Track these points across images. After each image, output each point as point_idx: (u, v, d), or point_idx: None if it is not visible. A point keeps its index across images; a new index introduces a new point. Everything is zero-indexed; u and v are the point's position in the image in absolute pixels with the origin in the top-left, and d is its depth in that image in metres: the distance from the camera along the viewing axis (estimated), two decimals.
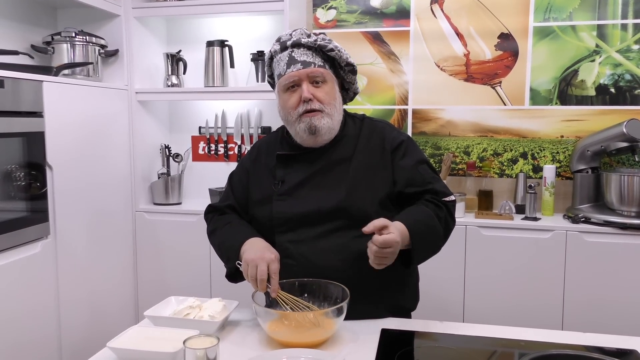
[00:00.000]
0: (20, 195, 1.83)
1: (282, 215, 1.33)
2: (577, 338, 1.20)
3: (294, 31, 1.34)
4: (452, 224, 1.34)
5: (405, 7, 2.50)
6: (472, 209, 2.38)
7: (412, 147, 1.38)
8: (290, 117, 1.34)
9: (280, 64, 1.34)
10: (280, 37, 1.36)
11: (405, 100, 2.54)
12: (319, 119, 1.31)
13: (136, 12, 2.48)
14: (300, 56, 1.31)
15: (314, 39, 1.32)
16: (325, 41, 1.33)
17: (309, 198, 1.33)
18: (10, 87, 1.77)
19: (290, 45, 1.32)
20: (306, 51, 1.32)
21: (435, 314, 1.56)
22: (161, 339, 1.09)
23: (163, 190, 2.59)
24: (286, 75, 1.31)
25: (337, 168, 1.35)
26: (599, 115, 2.35)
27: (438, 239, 1.30)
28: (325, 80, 1.33)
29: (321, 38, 1.33)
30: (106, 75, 2.49)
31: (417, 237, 1.22)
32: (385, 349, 1.14)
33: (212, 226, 1.44)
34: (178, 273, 2.51)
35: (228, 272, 1.34)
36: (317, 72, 1.31)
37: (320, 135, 1.33)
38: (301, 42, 1.31)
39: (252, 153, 1.49)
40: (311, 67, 1.30)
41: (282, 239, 1.32)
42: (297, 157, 1.38)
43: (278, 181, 1.36)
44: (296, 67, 1.30)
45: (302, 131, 1.32)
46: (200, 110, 2.76)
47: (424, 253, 1.28)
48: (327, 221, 1.31)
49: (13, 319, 1.77)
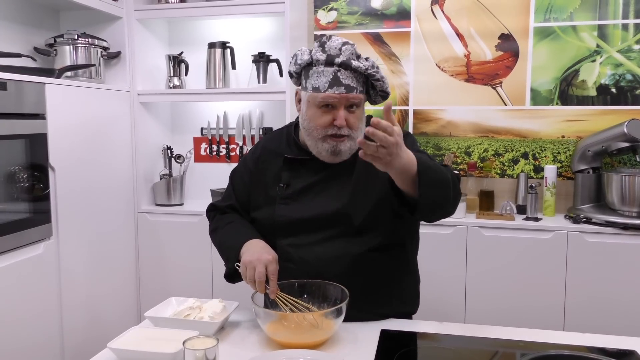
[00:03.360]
0: (22, 197, 1.85)
1: (284, 219, 1.33)
2: (577, 339, 1.20)
3: (344, 46, 1.26)
4: (459, 191, 1.27)
5: (405, 8, 2.50)
6: (473, 209, 2.38)
7: (413, 141, 1.38)
8: (316, 132, 1.30)
9: (320, 77, 1.26)
10: (328, 46, 1.27)
11: (406, 101, 2.55)
12: (344, 143, 1.29)
13: (138, 14, 2.49)
14: (345, 79, 1.25)
15: (365, 67, 1.26)
16: (374, 70, 1.28)
17: (312, 204, 1.32)
18: (13, 89, 1.78)
19: (338, 64, 1.25)
20: (352, 74, 1.26)
21: (436, 314, 1.56)
22: (161, 339, 1.10)
23: (165, 191, 2.60)
24: (326, 94, 1.26)
25: (344, 176, 1.34)
26: (600, 115, 2.35)
27: (447, 187, 1.18)
28: (360, 105, 1.30)
29: (371, 65, 1.28)
30: (108, 77, 2.50)
31: (424, 171, 1.11)
32: (384, 350, 1.14)
33: (214, 225, 1.44)
34: (180, 274, 2.52)
35: (226, 273, 1.34)
36: (357, 98, 1.27)
37: (341, 157, 1.31)
38: (351, 65, 1.25)
39: (255, 152, 1.47)
40: (353, 93, 1.26)
41: (283, 243, 1.32)
42: (304, 162, 1.36)
43: (283, 184, 1.36)
44: (339, 90, 1.25)
45: (325, 151, 1.30)
46: (202, 111, 2.77)
47: (431, 194, 1.13)
48: (329, 227, 1.31)
49: (15, 319, 1.78)
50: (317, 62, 1.27)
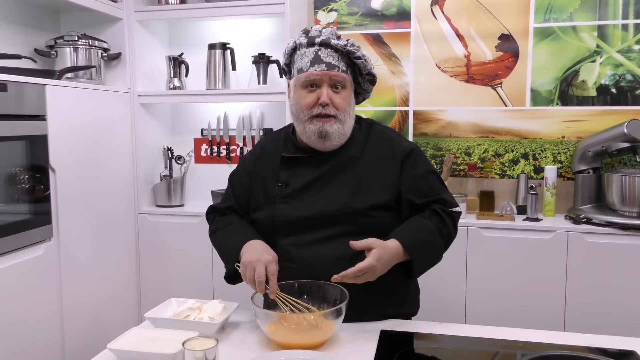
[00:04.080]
0: (23, 198, 1.85)
1: (284, 219, 1.33)
2: (577, 339, 1.20)
3: (324, 29, 1.32)
4: (454, 234, 1.37)
5: (405, 9, 2.51)
6: (474, 209, 2.38)
7: (421, 157, 1.40)
8: (302, 114, 1.32)
9: (303, 58, 1.31)
10: (309, 30, 1.33)
11: (406, 102, 2.55)
12: (331, 124, 1.30)
13: (138, 16, 2.50)
14: (326, 57, 1.29)
15: (344, 43, 1.30)
16: (354, 47, 1.31)
17: (312, 202, 1.32)
18: (14, 91, 1.79)
19: (318, 43, 1.29)
20: (333, 53, 1.29)
21: (436, 315, 1.56)
22: (161, 340, 1.10)
23: (165, 192, 2.60)
24: (308, 72, 1.30)
25: (342, 172, 1.34)
26: (600, 115, 2.35)
27: (437, 253, 1.33)
28: (345, 86, 1.32)
29: (350, 43, 1.31)
30: (109, 79, 2.50)
31: (415, 253, 1.25)
32: (384, 351, 1.14)
33: (214, 227, 1.45)
34: (180, 274, 2.52)
35: (226, 274, 1.35)
36: (340, 76, 1.30)
37: (329, 140, 1.32)
38: (330, 43, 1.29)
39: (254, 153, 1.48)
40: (335, 71, 1.29)
41: (283, 242, 1.32)
42: (302, 160, 1.37)
43: (282, 184, 1.36)
44: (320, 68, 1.29)
45: (312, 133, 1.31)
46: (203, 112, 2.78)
47: (423, 267, 1.31)
48: (329, 226, 1.31)
49: (16, 320, 1.79)
50: (300, 45, 1.33)
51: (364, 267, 1.16)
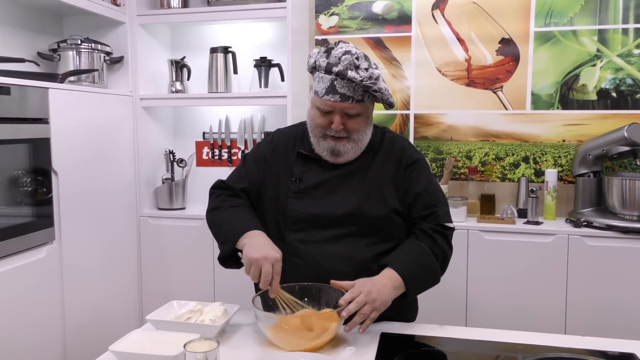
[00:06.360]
0: (26, 201, 1.86)
1: (295, 214, 1.34)
2: (577, 342, 1.21)
3: (345, 56, 1.27)
4: (449, 253, 1.37)
5: (406, 13, 2.52)
6: (474, 213, 2.39)
7: (424, 169, 1.40)
8: (316, 130, 1.34)
9: (320, 82, 1.30)
10: (330, 50, 1.30)
11: (407, 105, 2.55)
12: (344, 144, 1.33)
13: (141, 20, 2.51)
14: (341, 88, 1.28)
15: (360, 77, 1.26)
16: (372, 81, 1.28)
17: (324, 200, 1.34)
18: (17, 94, 1.80)
19: (335, 73, 1.27)
20: (349, 84, 1.27)
21: (437, 318, 1.56)
22: (163, 342, 1.11)
23: (167, 195, 2.61)
24: (322, 100, 1.30)
25: (355, 176, 1.36)
26: (601, 119, 2.35)
27: (433, 276, 1.32)
28: (360, 113, 1.32)
29: (368, 76, 1.27)
30: (111, 82, 2.52)
31: (411, 281, 1.26)
32: (384, 353, 1.15)
33: (216, 204, 1.41)
34: (182, 277, 2.53)
35: (221, 255, 1.32)
36: (353, 108, 1.30)
37: (341, 157, 1.34)
38: (346, 76, 1.26)
39: (271, 141, 1.46)
40: (348, 102, 1.29)
41: (292, 238, 1.33)
42: (317, 159, 1.38)
43: (295, 179, 1.37)
44: (334, 98, 1.28)
45: (325, 149, 1.34)
46: (204, 115, 2.79)
47: (419, 290, 1.33)
48: (338, 226, 1.32)
49: (18, 322, 1.79)
50: (319, 67, 1.31)
51: (347, 298, 1.16)
